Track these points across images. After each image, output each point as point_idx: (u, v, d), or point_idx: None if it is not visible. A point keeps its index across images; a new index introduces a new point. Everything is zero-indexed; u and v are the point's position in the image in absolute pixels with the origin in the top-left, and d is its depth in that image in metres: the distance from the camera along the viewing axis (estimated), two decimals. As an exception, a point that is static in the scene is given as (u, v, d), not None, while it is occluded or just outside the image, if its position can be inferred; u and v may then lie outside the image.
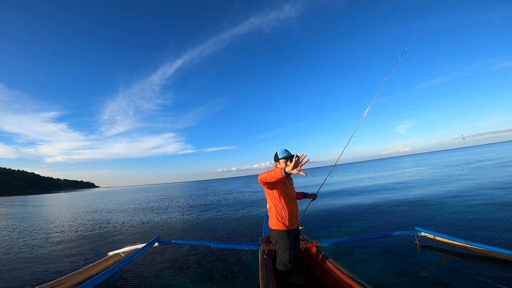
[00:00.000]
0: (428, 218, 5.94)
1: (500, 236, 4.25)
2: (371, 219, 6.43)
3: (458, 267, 3.29)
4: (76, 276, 2.85)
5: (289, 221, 2.52)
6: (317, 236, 4.93)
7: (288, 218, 2.51)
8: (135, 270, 4.08)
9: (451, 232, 4.50)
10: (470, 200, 7.34)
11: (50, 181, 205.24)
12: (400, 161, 63.79)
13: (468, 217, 5.58)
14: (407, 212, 6.77)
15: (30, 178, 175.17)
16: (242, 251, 4.58)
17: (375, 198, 9.80)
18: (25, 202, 31.00)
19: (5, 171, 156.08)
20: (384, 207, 7.81)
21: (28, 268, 4.58)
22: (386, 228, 5.46)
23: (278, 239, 2.52)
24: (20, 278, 4.10)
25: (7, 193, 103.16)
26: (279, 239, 2.52)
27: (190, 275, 3.76)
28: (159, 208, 14.26)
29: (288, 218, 2.51)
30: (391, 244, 4.34)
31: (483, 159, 26.22)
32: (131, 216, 11.49)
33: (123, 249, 3.62)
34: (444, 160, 34.66)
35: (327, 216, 7.35)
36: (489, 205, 6.47)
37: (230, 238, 5.92)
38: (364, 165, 71.04)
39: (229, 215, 9.39)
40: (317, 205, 9.32)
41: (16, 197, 55.15)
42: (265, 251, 3.07)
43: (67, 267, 4.48)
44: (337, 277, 2.53)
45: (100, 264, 3.28)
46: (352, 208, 8.17)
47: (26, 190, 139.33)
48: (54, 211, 16.56)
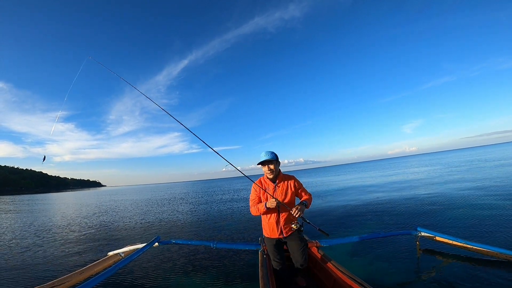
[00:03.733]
0: (429, 218, 5.90)
1: (500, 236, 4.23)
2: (371, 219, 6.41)
3: (458, 267, 3.28)
4: (76, 276, 2.87)
5: (269, 229, 2.62)
6: (317, 236, 4.91)
7: (268, 226, 2.61)
8: (135, 270, 4.11)
9: (451, 232, 4.47)
10: (471, 200, 7.27)
11: (58, 180, 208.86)
12: (406, 161, 63.21)
13: (468, 217, 5.53)
14: (407, 212, 6.74)
15: (38, 177, 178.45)
16: (242, 251, 4.58)
17: (375, 198, 9.75)
18: (31, 201, 31.57)
19: (13, 170, 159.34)
20: (384, 207, 7.78)
21: (28, 268, 4.64)
22: (386, 228, 5.45)
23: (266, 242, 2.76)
24: (20, 278, 4.15)
25: (15, 192, 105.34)
26: (266, 242, 2.75)
27: (190, 275, 3.78)
28: (160, 207, 14.38)
29: (268, 226, 2.62)
30: (391, 244, 4.33)
31: (490, 159, 25.78)
32: (132, 215, 11.60)
33: (123, 249, 3.63)
34: (450, 160, 34.21)
35: (327, 216, 7.33)
36: (489, 204, 6.42)
37: (230, 238, 5.94)
38: (369, 165, 70.49)
39: (230, 215, 9.42)
40: (317, 205, 9.29)
41: (24, 195, 56.26)
42: (265, 251, 3.06)
43: (67, 267, 4.53)
44: (337, 277, 2.52)
45: (100, 264, 3.30)
46: (352, 208, 8.14)
47: (34, 189, 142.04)
48: (57, 210, 16.83)
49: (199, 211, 11.25)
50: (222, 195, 19.45)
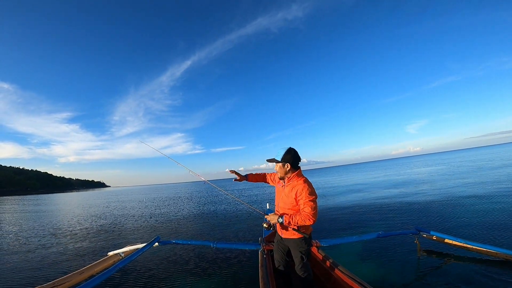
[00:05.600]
0: (429, 218, 5.87)
1: (500, 236, 4.21)
2: (371, 219, 6.39)
3: (458, 267, 3.27)
4: (76, 276, 2.88)
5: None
6: (317, 236, 4.88)
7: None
8: (135, 270, 4.14)
9: (452, 232, 4.45)
10: (471, 199, 7.23)
11: (63, 180, 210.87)
12: (409, 162, 62.87)
13: (469, 217, 5.50)
14: (408, 212, 6.71)
15: (44, 177, 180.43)
16: (242, 251, 4.59)
17: (376, 198, 9.72)
18: (36, 201, 31.92)
19: (19, 170, 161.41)
20: (384, 206, 7.76)
21: (28, 268, 4.68)
22: (386, 228, 5.43)
23: None
24: (21, 278, 4.19)
25: (21, 192, 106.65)
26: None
27: (190, 275, 3.79)
28: (160, 207, 14.45)
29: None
30: (391, 244, 4.32)
31: (494, 159, 25.50)
32: (133, 215, 11.67)
33: (123, 249, 3.64)
34: (454, 161, 33.96)
35: (327, 216, 7.31)
36: (491, 204, 6.38)
37: (230, 238, 5.95)
38: (372, 166, 70.21)
39: (230, 214, 9.45)
40: (319, 205, 9.27)
41: (30, 196, 57.00)
42: (265, 251, 3.06)
43: (67, 267, 4.57)
44: (337, 277, 2.52)
45: (100, 264, 3.31)
46: (352, 208, 8.13)
47: (39, 190, 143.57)
48: (61, 211, 16.98)
49: (199, 211, 11.29)
50: (226, 195, 19.46)
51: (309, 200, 2.09)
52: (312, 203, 2.08)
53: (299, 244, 2.27)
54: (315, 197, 2.12)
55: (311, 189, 2.15)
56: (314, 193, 2.14)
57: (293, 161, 2.24)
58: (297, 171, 2.27)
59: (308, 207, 2.08)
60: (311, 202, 2.08)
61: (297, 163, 2.28)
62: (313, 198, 2.10)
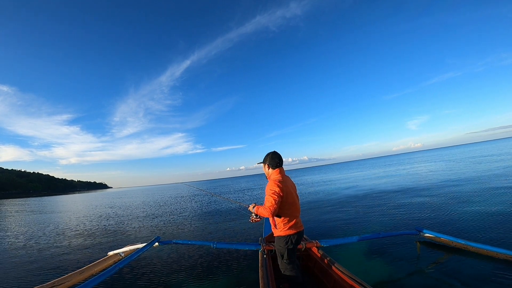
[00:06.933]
0: (429, 218, 5.82)
1: (500, 236, 4.17)
2: (371, 219, 6.35)
3: (458, 267, 3.25)
4: (76, 276, 2.90)
5: None
6: (317, 236, 4.89)
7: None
8: (135, 270, 4.15)
9: (452, 232, 4.43)
10: (471, 199, 7.13)
11: (65, 182, 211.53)
12: (410, 158, 62.63)
13: (469, 217, 5.45)
14: (408, 211, 6.66)
15: (46, 180, 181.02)
16: (242, 251, 4.58)
17: (376, 197, 9.66)
18: (39, 203, 32.03)
19: (21, 173, 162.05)
20: (385, 206, 7.70)
21: (28, 268, 4.72)
22: (386, 228, 5.40)
23: None
24: (20, 278, 4.22)
25: (24, 195, 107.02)
26: None
27: (190, 275, 3.80)
28: (161, 207, 14.48)
29: None
30: (391, 244, 4.30)
31: (495, 154, 25.38)
32: (133, 216, 11.72)
33: (123, 249, 3.66)
34: (454, 156, 33.79)
35: (327, 216, 7.28)
36: (491, 203, 6.32)
37: (230, 238, 5.94)
38: (373, 162, 69.94)
39: (230, 214, 9.43)
40: (317, 205, 9.24)
41: (32, 198, 57.24)
42: (265, 251, 3.06)
43: (67, 267, 4.59)
44: (337, 277, 2.52)
45: (100, 264, 3.33)
46: (352, 208, 8.07)
47: (42, 192, 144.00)
48: (62, 212, 17.05)
49: (199, 211, 11.30)
50: (228, 195, 19.46)
51: (268, 195, 2.34)
52: (270, 197, 2.29)
53: (277, 241, 2.47)
54: (273, 192, 2.29)
55: (272, 185, 2.35)
56: (274, 189, 2.31)
57: (269, 161, 2.50)
58: (274, 170, 2.49)
59: (266, 201, 2.34)
60: (268, 196, 2.31)
61: (275, 163, 2.48)
62: (271, 193, 2.30)
